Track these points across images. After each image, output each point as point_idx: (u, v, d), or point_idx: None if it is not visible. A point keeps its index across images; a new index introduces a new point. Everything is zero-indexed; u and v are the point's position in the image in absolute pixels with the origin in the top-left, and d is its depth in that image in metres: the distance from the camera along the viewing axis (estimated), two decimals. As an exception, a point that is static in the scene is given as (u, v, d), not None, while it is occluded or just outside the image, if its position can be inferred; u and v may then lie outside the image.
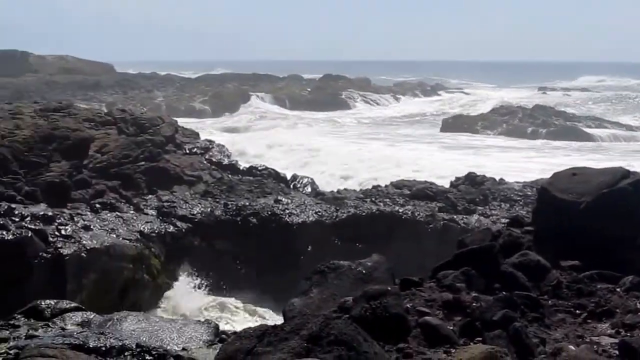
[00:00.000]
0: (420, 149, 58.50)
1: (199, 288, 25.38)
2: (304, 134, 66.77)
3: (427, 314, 7.75)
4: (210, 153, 34.67)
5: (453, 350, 6.96)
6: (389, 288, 7.83)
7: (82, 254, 22.23)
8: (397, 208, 27.95)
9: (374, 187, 31.91)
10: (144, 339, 9.11)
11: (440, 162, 47.86)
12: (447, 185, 31.55)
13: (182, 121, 43.17)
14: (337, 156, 46.43)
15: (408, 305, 7.99)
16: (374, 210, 27.72)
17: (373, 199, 29.14)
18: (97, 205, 26.69)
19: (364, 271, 9.42)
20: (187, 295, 24.95)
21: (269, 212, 27.47)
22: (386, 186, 31.49)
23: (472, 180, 31.51)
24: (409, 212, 27.44)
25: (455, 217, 27.05)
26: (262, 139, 54.31)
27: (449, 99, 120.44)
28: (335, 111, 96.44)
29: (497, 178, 31.66)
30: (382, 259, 9.78)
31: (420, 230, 26.43)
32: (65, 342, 8.39)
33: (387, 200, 28.90)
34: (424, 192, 29.67)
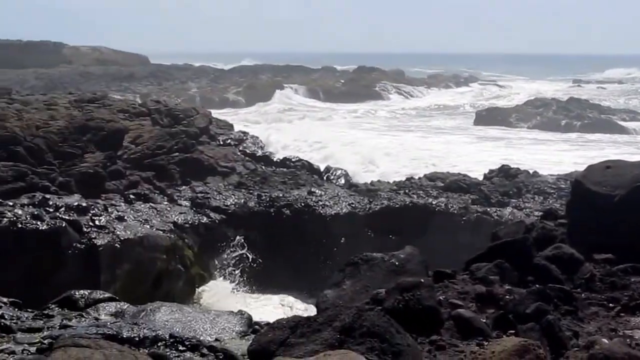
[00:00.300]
0: (453, 141, 58.25)
1: (232, 278, 25.42)
2: (336, 124, 66.75)
3: (460, 307, 7.76)
4: (244, 144, 34.76)
5: (486, 343, 6.96)
6: (422, 280, 7.84)
7: (116, 245, 22.32)
8: (430, 200, 27.81)
9: (407, 179, 31.79)
10: (178, 329, 9.13)
11: (474, 154, 47.72)
12: (480, 178, 31.43)
13: (215, 112, 43.26)
14: (368, 148, 46.25)
15: (441, 298, 7.99)
16: (407, 203, 27.63)
17: (406, 190, 29.03)
18: (131, 196, 26.81)
19: (397, 263, 9.41)
20: (219, 287, 25.01)
21: (303, 204, 27.46)
22: (419, 178, 31.38)
23: (505, 172, 31.37)
24: (443, 205, 27.31)
25: (488, 209, 26.90)
26: (293, 130, 54.16)
27: (482, 90, 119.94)
28: (369, 102, 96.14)
29: (531, 171, 31.51)
30: (415, 251, 9.77)
31: (453, 223, 26.29)
32: (99, 332, 8.41)
33: (421, 192, 28.79)
34: (457, 184, 29.56)
